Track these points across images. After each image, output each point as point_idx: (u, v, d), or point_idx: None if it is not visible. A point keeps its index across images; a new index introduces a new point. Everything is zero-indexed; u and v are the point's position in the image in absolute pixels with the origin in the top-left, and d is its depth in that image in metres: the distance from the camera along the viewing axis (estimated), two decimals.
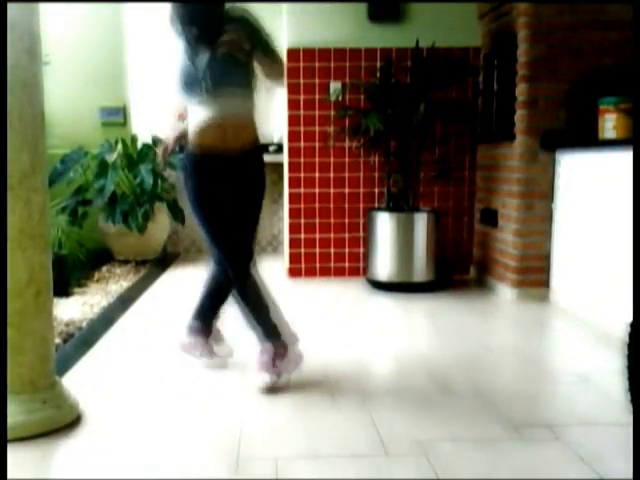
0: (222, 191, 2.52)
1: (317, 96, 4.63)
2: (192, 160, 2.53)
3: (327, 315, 3.78)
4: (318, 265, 4.80)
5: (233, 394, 2.52)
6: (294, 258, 4.80)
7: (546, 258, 4.02)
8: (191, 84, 2.46)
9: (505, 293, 4.18)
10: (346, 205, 4.75)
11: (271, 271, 5.19)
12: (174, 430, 2.19)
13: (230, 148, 2.47)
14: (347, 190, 4.74)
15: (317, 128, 4.65)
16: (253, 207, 2.61)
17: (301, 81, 4.61)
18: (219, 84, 2.44)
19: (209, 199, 2.55)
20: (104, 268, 5.16)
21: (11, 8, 2.01)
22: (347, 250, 4.80)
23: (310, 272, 4.79)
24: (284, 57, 4.36)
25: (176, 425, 2.23)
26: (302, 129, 4.65)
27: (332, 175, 4.70)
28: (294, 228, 4.75)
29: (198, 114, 2.46)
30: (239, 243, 2.59)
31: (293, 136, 4.67)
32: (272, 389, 2.53)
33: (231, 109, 2.46)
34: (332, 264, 4.81)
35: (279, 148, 5.57)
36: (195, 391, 2.56)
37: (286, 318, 2.68)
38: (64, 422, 2.19)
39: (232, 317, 2.80)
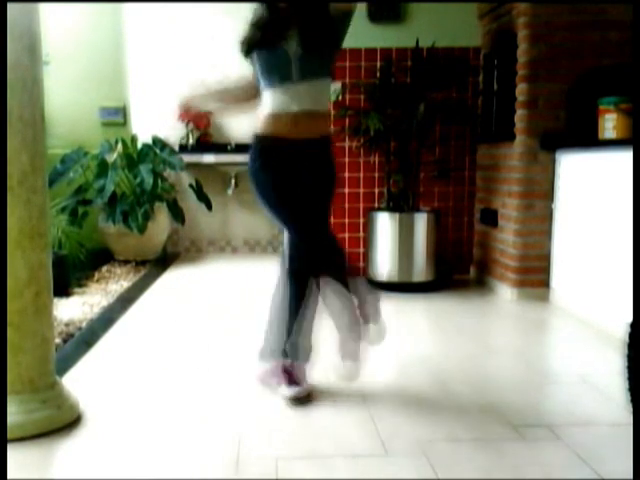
0: (295, 179, 2.42)
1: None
2: (263, 148, 2.40)
3: (327, 315, 3.78)
4: None
5: (233, 394, 2.52)
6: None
7: (546, 258, 4.02)
8: (278, 65, 2.32)
9: (505, 293, 4.18)
10: (346, 205, 4.75)
11: (271, 271, 5.19)
12: (174, 430, 2.19)
13: (303, 137, 2.37)
14: (347, 190, 4.74)
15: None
16: (327, 194, 2.58)
17: None
18: (310, 71, 2.33)
19: (282, 187, 2.41)
20: (104, 268, 5.16)
21: (11, 8, 2.01)
22: (347, 250, 4.80)
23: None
24: None
25: (176, 425, 2.23)
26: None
27: None
28: None
29: (274, 101, 2.34)
30: (319, 229, 2.50)
31: None
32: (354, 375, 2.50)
33: (313, 100, 2.35)
34: None
35: None
36: (195, 391, 2.56)
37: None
38: (64, 422, 2.18)
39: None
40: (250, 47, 2.38)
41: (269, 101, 2.36)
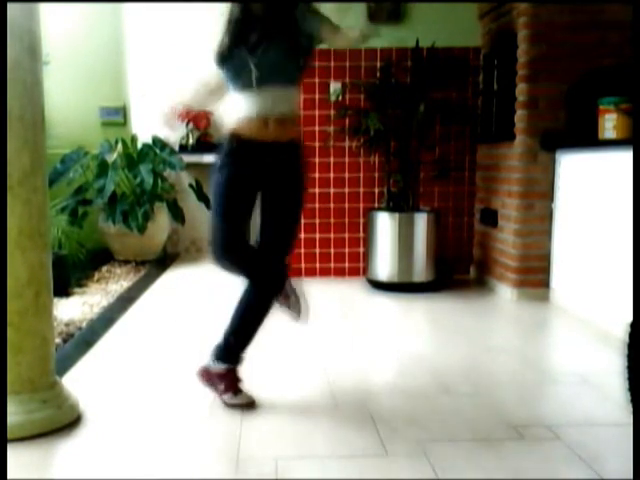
0: (257, 180, 2.37)
1: (317, 96, 4.63)
2: (229, 148, 2.37)
3: (327, 315, 3.78)
4: (318, 265, 4.80)
5: None
6: (294, 258, 4.80)
7: (546, 258, 4.02)
8: (241, 72, 2.31)
9: (505, 293, 4.18)
10: (346, 205, 4.75)
11: None
12: (174, 430, 2.19)
13: (272, 139, 2.34)
14: (347, 190, 4.74)
15: (317, 128, 4.65)
16: (294, 202, 2.43)
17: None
18: (271, 77, 2.31)
19: (241, 188, 2.36)
20: (104, 268, 5.16)
21: (11, 8, 2.01)
22: (347, 250, 4.80)
23: (310, 272, 4.79)
24: None
25: (176, 425, 2.23)
26: (302, 129, 4.64)
27: (332, 175, 4.70)
28: None
29: (242, 105, 2.34)
30: (279, 236, 2.42)
31: None
32: None
33: (278, 104, 2.33)
34: (332, 264, 4.81)
35: None
36: (195, 391, 2.56)
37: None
38: (64, 422, 2.18)
39: None
40: (222, 55, 2.36)
41: (238, 105, 2.36)
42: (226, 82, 2.40)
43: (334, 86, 4.60)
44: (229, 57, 2.34)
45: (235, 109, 2.37)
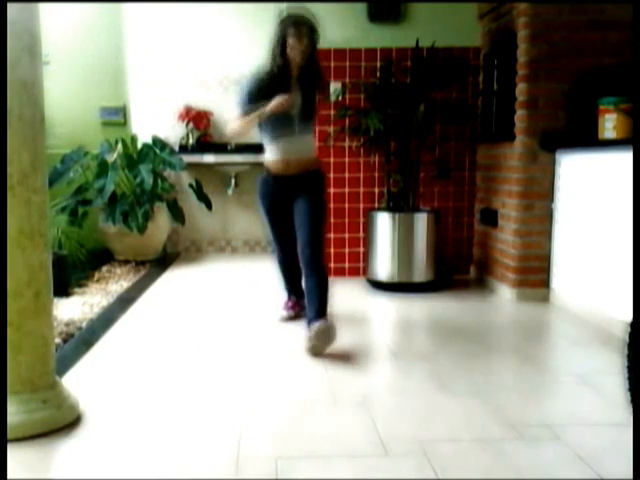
0: (288, 200, 3.24)
1: (317, 96, 4.62)
2: (265, 179, 3.32)
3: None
4: None
5: (233, 394, 2.52)
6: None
7: (546, 258, 4.02)
8: (280, 121, 3.08)
9: (505, 293, 4.18)
10: (346, 205, 4.75)
11: (271, 271, 5.19)
12: (174, 430, 2.19)
13: (293, 174, 3.20)
14: (347, 190, 4.74)
15: (317, 128, 4.64)
16: (317, 208, 3.24)
17: None
18: (305, 122, 3.17)
19: (276, 204, 3.32)
20: (104, 268, 5.16)
21: (11, 8, 2.01)
22: (347, 250, 4.80)
23: None
24: None
25: (176, 425, 2.23)
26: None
27: (332, 175, 4.70)
28: None
29: (274, 149, 3.20)
30: (315, 235, 3.18)
31: None
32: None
33: (304, 149, 3.20)
34: (332, 264, 4.80)
35: None
36: (195, 391, 2.56)
37: None
38: (64, 422, 2.19)
39: None
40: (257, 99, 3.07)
41: (269, 148, 3.23)
42: (258, 127, 3.19)
43: (334, 86, 4.59)
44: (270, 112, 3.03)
45: (268, 151, 3.23)
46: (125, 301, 4.09)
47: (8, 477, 1.77)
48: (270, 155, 3.23)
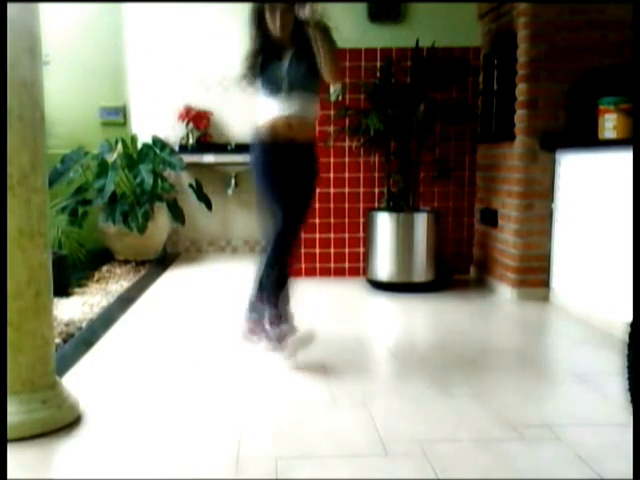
0: (286, 169, 2.98)
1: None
2: (263, 145, 3.00)
3: (327, 315, 3.78)
4: (318, 265, 4.80)
5: (233, 394, 2.52)
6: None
7: (546, 258, 4.02)
8: (271, 81, 2.91)
9: (505, 293, 4.18)
10: (346, 205, 4.75)
11: None
12: (174, 430, 2.19)
13: (294, 140, 2.94)
14: (347, 190, 4.74)
15: (317, 128, 4.64)
16: (309, 184, 3.11)
17: None
18: (295, 86, 2.91)
19: (275, 174, 3.00)
20: (104, 268, 5.16)
21: (11, 8, 2.01)
22: (347, 250, 4.80)
23: (310, 272, 4.79)
24: None
25: (176, 425, 2.23)
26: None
27: (332, 175, 4.70)
28: None
29: (271, 108, 2.92)
30: (297, 208, 3.01)
31: None
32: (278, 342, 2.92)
33: (301, 110, 2.93)
34: (332, 264, 4.81)
35: None
36: (195, 391, 2.56)
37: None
38: (64, 422, 2.18)
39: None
40: (256, 67, 2.95)
41: (268, 107, 2.95)
42: (257, 88, 2.98)
43: (334, 86, 4.59)
44: (264, 70, 2.92)
45: (265, 111, 2.95)
46: (125, 301, 4.09)
47: (8, 477, 1.77)
48: (268, 113, 2.94)
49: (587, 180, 3.64)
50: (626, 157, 3.07)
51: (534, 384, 2.66)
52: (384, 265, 4.35)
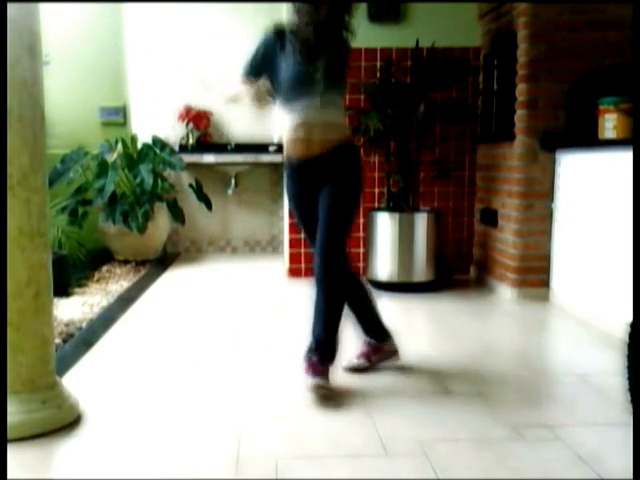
0: (312, 192, 2.62)
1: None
2: (286, 169, 2.74)
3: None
4: None
5: (233, 394, 2.52)
6: (294, 258, 4.80)
7: (546, 258, 4.02)
8: (300, 85, 2.53)
9: (505, 293, 4.18)
10: None
11: (271, 271, 5.20)
12: (174, 430, 2.19)
13: (314, 153, 2.56)
14: None
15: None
16: (344, 197, 2.61)
17: None
18: (329, 89, 2.55)
19: (301, 201, 2.71)
20: (104, 268, 5.16)
21: (11, 8, 2.01)
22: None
23: (310, 272, 4.71)
24: None
25: (176, 425, 2.23)
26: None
27: None
28: (294, 228, 4.74)
29: (293, 116, 2.57)
30: (331, 239, 2.61)
31: None
32: (355, 370, 2.77)
33: (326, 114, 2.57)
34: None
35: (279, 148, 5.57)
36: (195, 390, 2.56)
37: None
38: (64, 422, 2.18)
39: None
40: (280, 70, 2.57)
41: (286, 120, 2.61)
42: (276, 96, 2.64)
43: None
44: (290, 75, 2.54)
45: (285, 119, 2.61)
46: (125, 301, 4.09)
47: (8, 477, 1.77)
48: (288, 129, 2.62)
49: (587, 180, 3.64)
50: (626, 157, 3.07)
51: (534, 384, 2.66)
52: (384, 265, 4.35)
